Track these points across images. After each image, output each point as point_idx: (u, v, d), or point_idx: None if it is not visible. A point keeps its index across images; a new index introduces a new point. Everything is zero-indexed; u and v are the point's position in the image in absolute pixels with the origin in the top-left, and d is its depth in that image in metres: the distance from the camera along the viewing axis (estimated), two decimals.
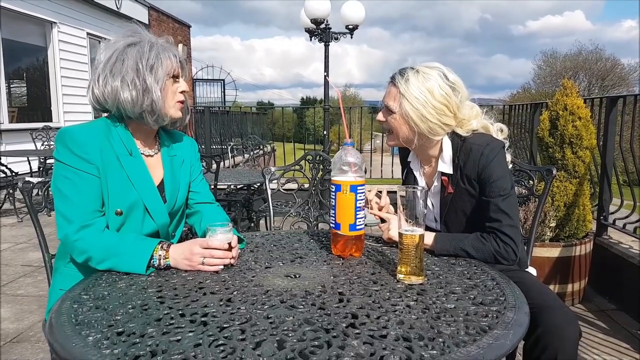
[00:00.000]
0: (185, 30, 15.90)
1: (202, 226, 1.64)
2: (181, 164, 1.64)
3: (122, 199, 1.45)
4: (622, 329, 2.80)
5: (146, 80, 1.43)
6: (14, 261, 4.12)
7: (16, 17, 8.15)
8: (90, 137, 1.43)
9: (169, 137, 1.65)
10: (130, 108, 1.44)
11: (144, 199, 1.48)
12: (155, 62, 1.45)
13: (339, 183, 1.39)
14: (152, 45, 1.46)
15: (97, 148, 1.42)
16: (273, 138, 12.23)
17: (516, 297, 1.14)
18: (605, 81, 30.26)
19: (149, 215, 1.50)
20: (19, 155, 6.33)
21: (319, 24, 6.61)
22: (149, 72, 1.43)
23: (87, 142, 1.41)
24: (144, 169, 1.51)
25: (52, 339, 0.96)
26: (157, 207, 1.51)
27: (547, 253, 3.12)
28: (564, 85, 3.38)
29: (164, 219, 1.54)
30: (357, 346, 0.89)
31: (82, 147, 1.40)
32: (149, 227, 1.51)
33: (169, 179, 1.58)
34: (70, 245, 1.37)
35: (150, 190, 1.50)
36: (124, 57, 1.44)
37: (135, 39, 1.47)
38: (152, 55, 1.45)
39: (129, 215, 1.47)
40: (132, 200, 1.46)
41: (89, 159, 1.40)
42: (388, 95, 1.58)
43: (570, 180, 3.25)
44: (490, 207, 1.49)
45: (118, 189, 1.44)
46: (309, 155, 2.57)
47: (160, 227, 1.53)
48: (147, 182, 1.50)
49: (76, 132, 1.42)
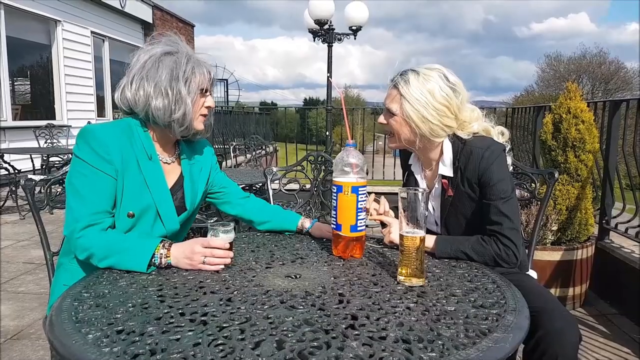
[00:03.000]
0: (189, 29, 15.91)
1: (265, 226, 1.75)
2: (200, 172, 1.66)
3: (136, 201, 1.45)
4: (623, 334, 2.80)
5: (181, 91, 1.45)
6: (16, 258, 4.13)
7: (20, 15, 8.17)
8: (113, 137, 1.44)
9: (188, 145, 1.66)
10: (160, 115, 1.46)
11: (157, 203, 1.49)
12: (190, 75, 1.46)
13: (341, 184, 1.39)
14: (189, 57, 1.48)
15: (119, 149, 1.43)
16: (276, 138, 12.24)
17: (517, 300, 1.14)
18: (608, 84, 30.23)
19: (159, 220, 1.51)
20: (21, 153, 6.35)
21: (322, 25, 6.62)
22: (184, 83, 1.45)
23: (110, 142, 1.42)
24: (160, 174, 1.52)
25: (52, 336, 0.97)
26: (168, 212, 1.52)
27: (549, 256, 3.11)
28: (567, 88, 3.38)
29: (175, 225, 1.55)
30: (357, 347, 0.89)
31: (104, 147, 1.41)
32: (158, 232, 1.51)
33: (188, 187, 1.60)
34: (73, 242, 1.38)
35: (164, 196, 1.52)
36: (160, 64, 1.45)
37: (173, 49, 1.49)
38: (188, 68, 1.46)
39: (140, 219, 1.48)
40: (146, 204, 1.47)
41: (109, 160, 1.41)
42: (389, 98, 1.58)
43: (572, 184, 3.24)
44: (491, 210, 1.49)
45: (134, 191, 1.45)
46: (311, 156, 2.57)
47: (169, 234, 1.54)
48: (163, 187, 1.52)
49: (100, 131, 1.43)
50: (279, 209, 1.83)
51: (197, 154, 1.68)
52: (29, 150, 6.61)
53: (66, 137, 8.06)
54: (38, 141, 7.43)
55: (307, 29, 6.95)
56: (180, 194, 1.59)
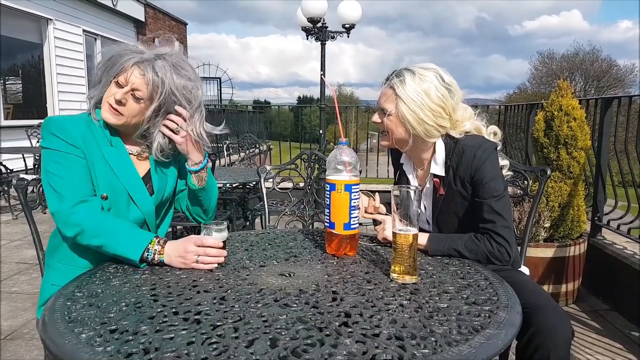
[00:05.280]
0: (181, 27, 15.84)
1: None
2: (167, 163, 1.60)
3: (106, 185, 1.46)
4: (615, 330, 2.82)
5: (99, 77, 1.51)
6: (9, 258, 4.11)
7: (11, 14, 8.10)
8: (73, 124, 1.47)
9: None
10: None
11: (127, 187, 1.49)
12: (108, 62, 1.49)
13: (334, 182, 1.40)
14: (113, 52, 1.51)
15: (80, 135, 1.45)
16: (270, 137, 12.22)
17: (509, 296, 1.15)
18: (601, 82, 30.38)
19: (133, 203, 1.51)
20: (14, 153, 6.30)
21: (315, 23, 6.62)
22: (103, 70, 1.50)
23: (70, 128, 1.45)
24: (126, 159, 1.52)
25: (45, 336, 0.96)
26: (141, 196, 1.52)
27: (541, 253, 3.13)
28: (559, 86, 3.40)
29: (149, 206, 1.54)
30: (350, 345, 0.89)
31: (66, 133, 1.43)
32: (135, 215, 1.51)
33: (154, 169, 1.57)
34: (63, 217, 1.37)
35: (134, 179, 1.51)
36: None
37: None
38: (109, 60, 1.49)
39: (114, 201, 1.48)
40: (116, 188, 1.47)
41: (75, 144, 1.43)
42: (384, 97, 1.58)
43: (564, 181, 3.26)
44: (484, 208, 1.49)
45: (101, 175, 1.46)
46: (304, 154, 2.57)
47: (147, 215, 1.54)
48: (130, 171, 1.51)
49: (60, 120, 1.47)
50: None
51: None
52: (21, 149, 6.55)
53: None
54: (30, 140, 7.37)
55: (300, 27, 6.95)
56: (150, 183, 1.57)
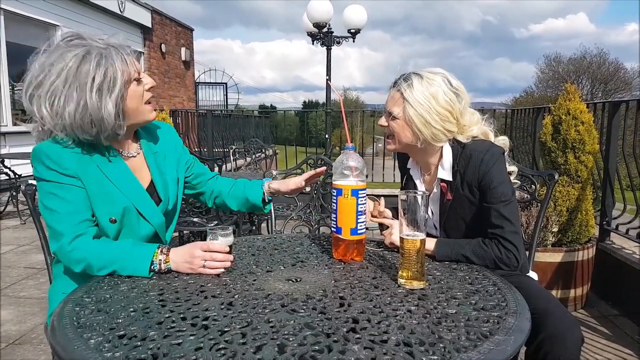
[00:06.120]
0: (188, 33, 15.93)
1: (235, 192, 1.72)
2: (164, 159, 1.59)
3: (112, 206, 1.42)
4: (624, 335, 2.79)
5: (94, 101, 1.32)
6: (17, 263, 4.13)
7: (20, 21, 8.18)
8: (64, 151, 1.37)
9: (147, 132, 1.59)
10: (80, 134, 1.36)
11: (134, 203, 1.45)
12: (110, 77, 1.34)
13: (341, 187, 1.40)
14: (102, 55, 1.34)
15: (74, 160, 1.38)
16: (275, 141, 12.25)
17: (518, 302, 1.14)
18: (608, 85, 30.25)
19: (142, 219, 1.48)
20: (22, 158, 6.32)
21: (321, 28, 6.63)
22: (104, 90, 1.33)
23: (62, 156, 1.37)
24: (127, 172, 1.47)
25: (54, 341, 0.97)
26: (149, 209, 1.49)
27: (550, 258, 3.11)
28: (566, 89, 3.38)
29: (159, 218, 1.52)
30: (358, 351, 0.89)
31: (58, 162, 1.36)
32: (146, 230, 1.50)
33: (157, 178, 1.55)
34: (65, 256, 1.36)
35: (139, 193, 1.48)
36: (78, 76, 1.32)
37: (82, 50, 1.34)
38: (101, 71, 1.33)
39: (124, 222, 1.45)
40: (123, 207, 1.43)
41: (68, 173, 1.36)
42: (391, 101, 1.58)
43: (572, 185, 3.24)
44: (492, 213, 1.49)
45: (105, 197, 1.41)
46: (310, 159, 2.57)
47: (158, 228, 1.52)
48: (134, 185, 1.47)
49: (49, 148, 1.37)
50: (245, 181, 1.77)
51: (157, 140, 1.60)
52: (29, 155, 6.59)
53: None
54: None
55: (306, 32, 6.96)
56: (155, 192, 1.55)
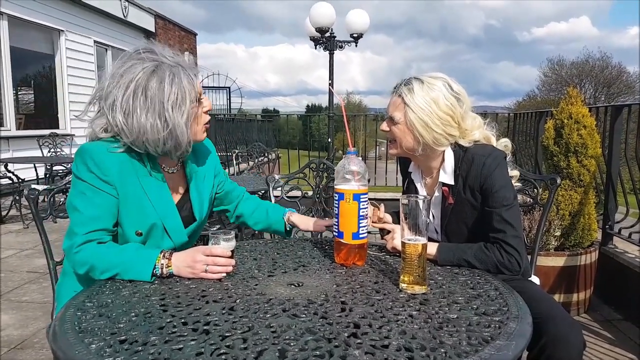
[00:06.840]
0: (191, 38, 15.99)
1: (258, 216, 1.81)
2: (203, 180, 1.62)
3: (142, 220, 1.44)
4: (627, 339, 2.78)
5: (175, 118, 1.37)
6: (20, 267, 4.14)
7: (24, 26, 8.23)
8: (110, 156, 1.39)
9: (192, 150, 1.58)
10: (153, 148, 1.40)
11: (162, 219, 1.47)
12: (181, 93, 1.37)
13: (342, 191, 1.40)
14: (173, 73, 1.37)
15: (117, 168, 1.40)
16: (278, 145, 12.27)
17: (519, 307, 1.14)
18: (610, 89, 30.21)
19: (167, 236, 1.50)
20: (25, 162, 6.37)
21: (324, 33, 6.66)
22: (178, 108, 1.37)
23: (107, 161, 1.38)
24: (163, 189, 1.49)
25: (55, 346, 0.97)
26: (176, 228, 1.51)
27: (552, 262, 3.10)
28: (569, 93, 3.38)
29: (182, 238, 1.54)
30: (359, 356, 0.89)
31: (100, 167, 1.38)
32: (167, 245, 1.51)
33: (195, 199, 1.58)
34: (71, 257, 1.37)
35: (170, 211, 1.50)
36: (147, 90, 1.35)
37: (152, 65, 1.36)
38: (174, 89, 1.36)
39: (148, 236, 1.47)
40: (151, 222, 1.45)
41: (107, 180, 1.38)
42: (392, 105, 1.58)
43: (575, 189, 3.24)
44: (494, 218, 1.48)
45: (138, 210, 1.43)
46: (313, 163, 2.58)
47: (179, 247, 1.53)
48: (167, 202, 1.49)
49: (96, 150, 1.39)
50: (267, 205, 1.86)
51: (199, 159, 1.63)
52: (33, 159, 6.63)
53: (69, 146, 8.08)
54: (42, 150, 7.45)
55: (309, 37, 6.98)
56: (188, 205, 1.58)
